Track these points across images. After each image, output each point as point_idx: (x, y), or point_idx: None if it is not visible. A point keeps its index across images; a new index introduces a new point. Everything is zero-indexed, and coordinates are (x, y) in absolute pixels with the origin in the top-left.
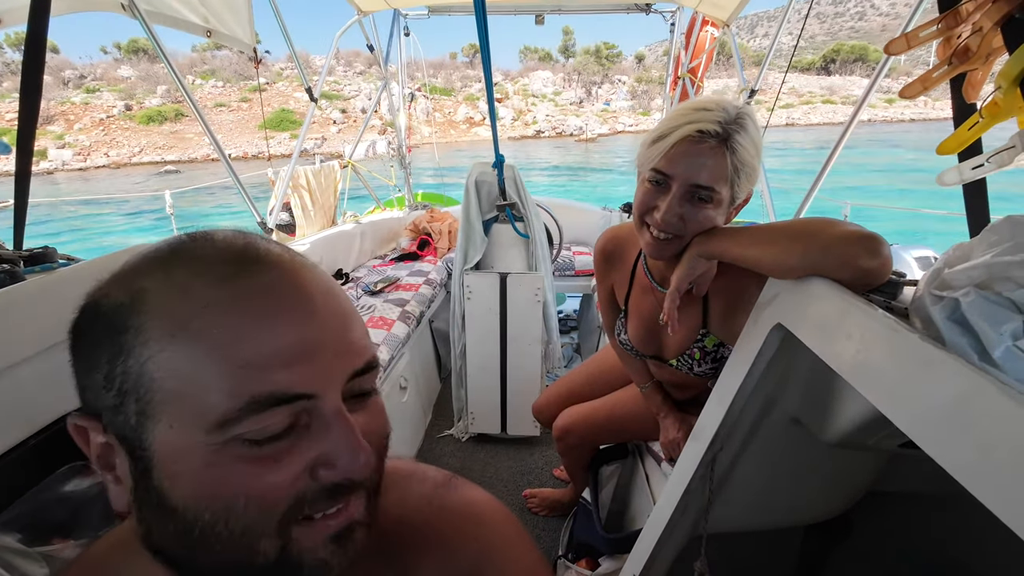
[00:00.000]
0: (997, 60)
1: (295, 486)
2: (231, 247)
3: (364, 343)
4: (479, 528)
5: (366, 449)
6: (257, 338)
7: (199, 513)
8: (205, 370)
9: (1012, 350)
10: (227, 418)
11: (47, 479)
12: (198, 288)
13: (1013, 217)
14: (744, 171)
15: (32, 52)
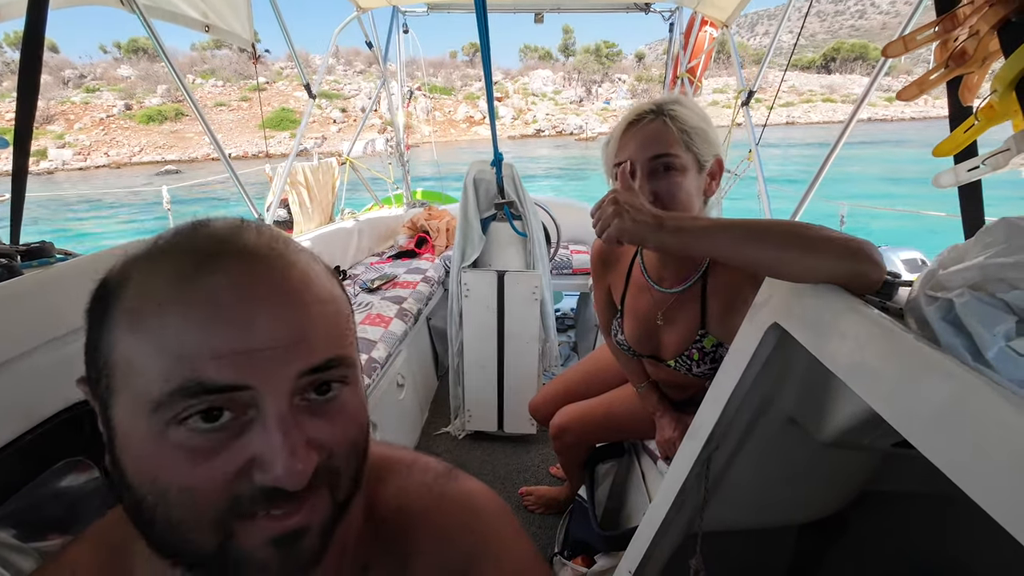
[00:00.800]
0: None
1: (231, 485)
2: (209, 240)
3: (326, 341)
4: (476, 519)
5: (303, 458)
6: (194, 331)
7: (143, 493)
8: (149, 359)
9: (1005, 351)
10: (160, 402)
11: (43, 474)
12: (158, 285)
13: (1008, 219)
14: (695, 133)
15: (30, 49)
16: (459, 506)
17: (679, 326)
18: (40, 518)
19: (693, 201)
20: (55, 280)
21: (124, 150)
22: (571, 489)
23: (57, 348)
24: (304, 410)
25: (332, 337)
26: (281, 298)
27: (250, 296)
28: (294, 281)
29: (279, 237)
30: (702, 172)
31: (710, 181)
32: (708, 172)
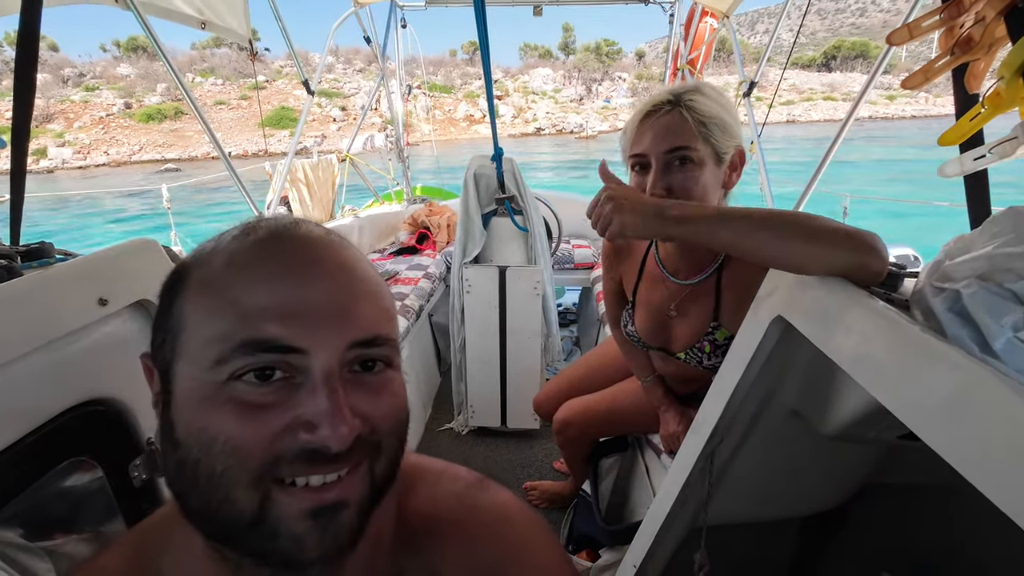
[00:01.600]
0: (1000, 50)
1: (274, 442)
2: (274, 226)
3: (374, 319)
4: (507, 528)
5: (348, 421)
6: (259, 294)
7: (190, 448)
8: (215, 318)
9: (1013, 341)
10: (221, 357)
11: (48, 474)
12: (231, 256)
13: (1015, 208)
14: (713, 123)
15: (25, 47)
16: (490, 516)
17: (691, 318)
18: (45, 518)
19: (709, 195)
20: (56, 280)
21: (124, 149)
22: (575, 484)
23: (59, 348)
24: (351, 382)
25: (380, 317)
26: (336, 273)
27: (310, 268)
28: (348, 262)
29: (335, 232)
30: (721, 165)
31: (730, 173)
32: (728, 164)
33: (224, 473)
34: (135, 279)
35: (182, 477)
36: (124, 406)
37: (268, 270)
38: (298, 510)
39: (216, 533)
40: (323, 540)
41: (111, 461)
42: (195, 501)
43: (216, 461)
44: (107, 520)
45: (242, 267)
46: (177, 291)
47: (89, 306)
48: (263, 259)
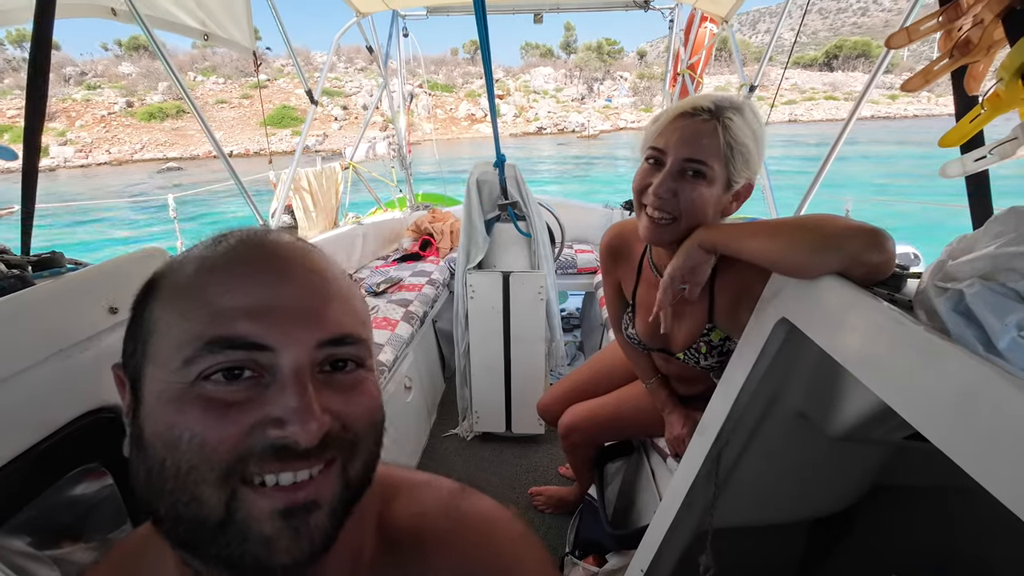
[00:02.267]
0: (998, 52)
1: (242, 439)
2: (245, 234)
3: (343, 319)
4: (493, 539)
5: (317, 416)
6: (229, 295)
7: (156, 448)
8: (185, 319)
9: (1018, 340)
10: (191, 356)
11: (57, 483)
12: (202, 261)
13: (1017, 208)
14: (739, 151)
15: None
16: (476, 527)
17: (688, 320)
18: (54, 526)
19: (708, 214)
20: (66, 290)
21: (126, 147)
22: (580, 489)
23: (70, 357)
24: (322, 381)
25: (351, 318)
26: (306, 276)
27: (280, 271)
28: (318, 266)
29: (302, 239)
30: (728, 191)
31: (732, 202)
32: (734, 192)
33: (190, 471)
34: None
35: (150, 482)
36: None
37: (238, 273)
38: (268, 510)
39: (184, 539)
40: (295, 543)
41: (122, 468)
42: (164, 505)
43: (182, 459)
44: (116, 527)
45: (213, 271)
46: (149, 299)
47: (99, 314)
48: (234, 263)
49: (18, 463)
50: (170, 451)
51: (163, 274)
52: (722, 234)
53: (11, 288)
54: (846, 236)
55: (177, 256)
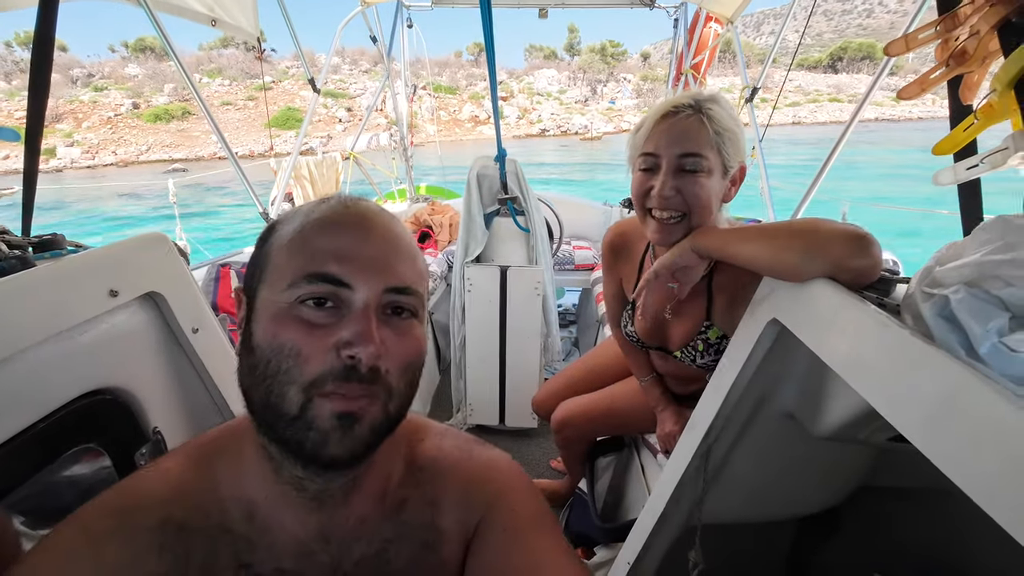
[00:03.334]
0: (993, 63)
1: (327, 354)
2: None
3: (407, 274)
4: (497, 473)
5: (375, 342)
6: (325, 240)
7: (263, 350)
8: (292, 255)
9: (998, 346)
10: (292, 282)
11: (54, 463)
12: (309, 214)
13: (1004, 217)
14: (727, 136)
15: (40, 46)
16: (483, 463)
17: (686, 318)
18: (51, 505)
19: (713, 204)
20: (67, 272)
21: (132, 148)
22: (571, 482)
23: (70, 338)
24: (383, 321)
25: (414, 275)
26: (385, 236)
27: (364, 228)
28: (394, 231)
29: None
30: (726, 177)
31: (731, 187)
32: (731, 178)
33: (286, 372)
34: (145, 272)
35: (253, 375)
36: (132, 395)
37: (333, 225)
38: (329, 411)
39: (267, 421)
40: (343, 441)
41: (118, 449)
42: (258, 394)
43: (282, 361)
44: None
45: (315, 222)
46: (267, 239)
47: (100, 297)
48: (331, 218)
49: (15, 442)
50: (274, 354)
51: (279, 221)
52: (715, 239)
53: (12, 269)
54: (831, 242)
55: (290, 210)
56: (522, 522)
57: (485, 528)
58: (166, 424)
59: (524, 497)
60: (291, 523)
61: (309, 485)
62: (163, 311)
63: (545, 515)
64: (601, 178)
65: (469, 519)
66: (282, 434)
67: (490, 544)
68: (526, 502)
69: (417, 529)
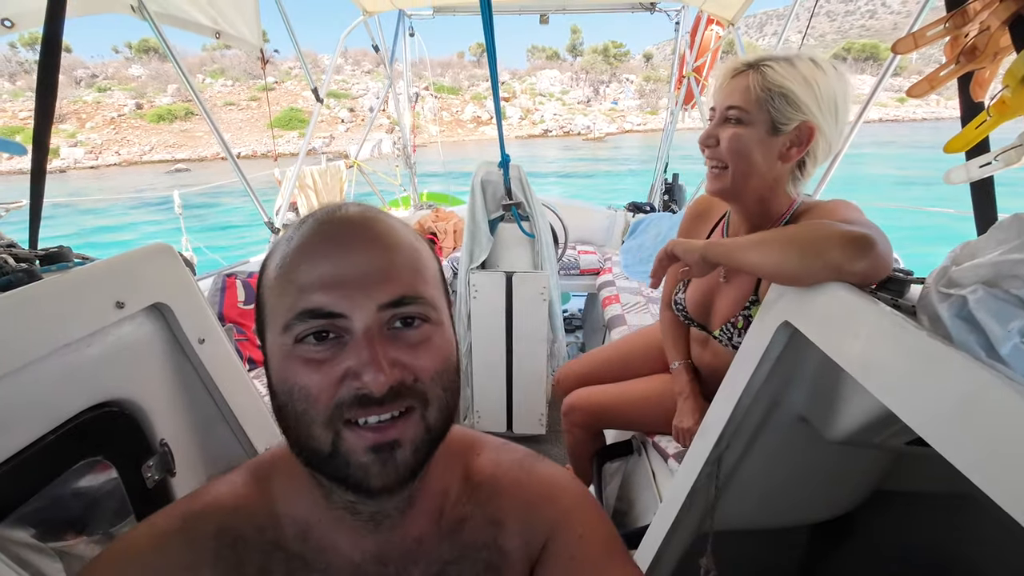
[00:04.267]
0: (1005, 59)
1: (336, 389)
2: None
3: (405, 279)
4: (562, 493)
5: (384, 369)
6: (307, 271)
7: (281, 395)
8: (281, 295)
9: (1020, 347)
10: (288, 324)
11: (62, 475)
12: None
13: (1020, 215)
14: (779, 92)
15: (48, 54)
16: (546, 481)
17: (734, 288)
18: (59, 518)
19: (754, 157)
20: (74, 284)
21: (135, 149)
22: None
23: (76, 350)
24: (390, 337)
25: (411, 278)
26: (369, 246)
27: (345, 245)
28: (378, 232)
29: (371, 207)
30: (777, 135)
31: (789, 147)
32: (788, 136)
33: (304, 413)
34: (151, 283)
35: (281, 419)
36: (139, 408)
37: (312, 251)
38: (361, 446)
39: (308, 462)
40: (384, 471)
41: (126, 462)
42: (291, 436)
43: (297, 405)
44: (120, 521)
45: (295, 252)
46: (261, 279)
47: (106, 309)
48: (309, 243)
49: (24, 455)
50: (288, 398)
51: (268, 257)
52: (723, 249)
53: (19, 282)
54: (829, 246)
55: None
56: (592, 551)
57: (552, 555)
58: (173, 436)
59: (592, 521)
60: (346, 545)
61: (362, 508)
62: (169, 322)
63: (615, 540)
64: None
65: (533, 541)
66: (323, 471)
67: (561, 571)
68: (595, 527)
69: (479, 549)
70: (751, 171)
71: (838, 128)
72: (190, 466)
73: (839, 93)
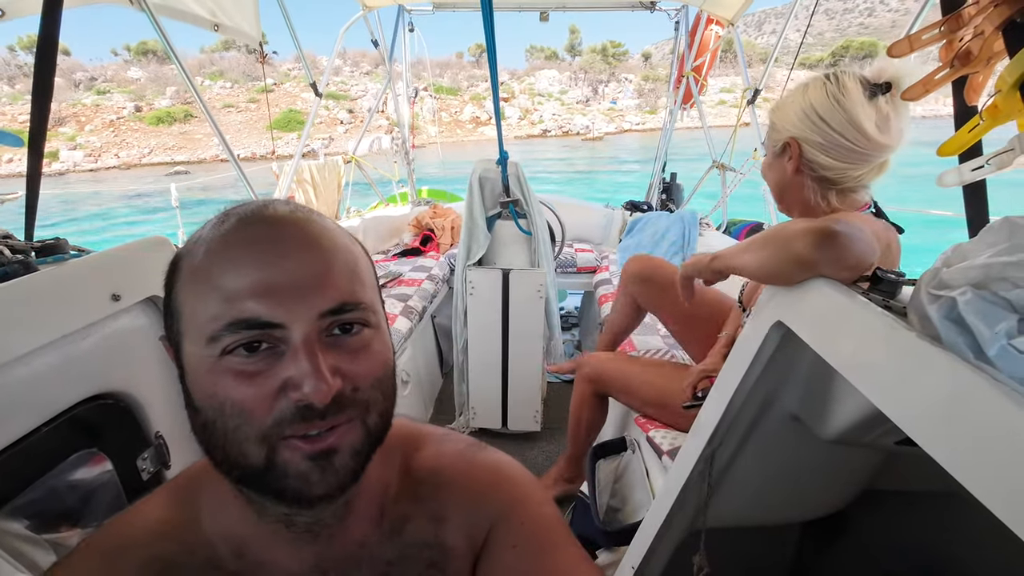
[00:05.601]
0: (998, 63)
1: (273, 403)
2: (245, 211)
3: (344, 286)
4: (506, 482)
5: (327, 379)
6: (235, 276)
7: (207, 411)
8: (202, 301)
9: (1006, 348)
10: (214, 335)
11: (58, 467)
12: (209, 243)
13: (1011, 219)
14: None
15: (44, 51)
16: (490, 471)
17: None
18: (54, 509)
19: (771, 178)
20: (70, 276)
21: (134, 151)
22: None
23: (72, 342)
24: (329, 344)
25: (349, 283)
26: (304, 249)
27: (279, 247)
28: (313, 235)
29: (301, 206)
30: (781, 157)
31: (787, 161)
32: (785, 154)
33: (237, 430)
34: (147, 275)
35: (205, 436)
36: (134, 400)
37: (240, 254)
38: (299, 456)
39: (239, 479)
40: (324, 478)
41: (120, 454)
42: (218, 455)
43: (228, 421)
44: (114, 513)
45: (219, 253)
46: (173, 279)
47: (102, 301)
48: (236, 244)
49: (19, 446)
50: (217, 414)
51: (181, 256)
52: (722, 259)
53: (15, 273)
54: (793, 239)
55: (192, 236)
56: (535, 537)
57: (495, 543)
58: (168, 428)
59: (535, 507)
60: (285, 558)
61: (298, 520)
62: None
63: (558, 525)
64: None
65: (477, 533)
66: (256, 486)
67: (503, 562)
68: (538, 513)
69: (421, 548)
70: (775, 189)
71: (821, 131)
72: (185, 459)
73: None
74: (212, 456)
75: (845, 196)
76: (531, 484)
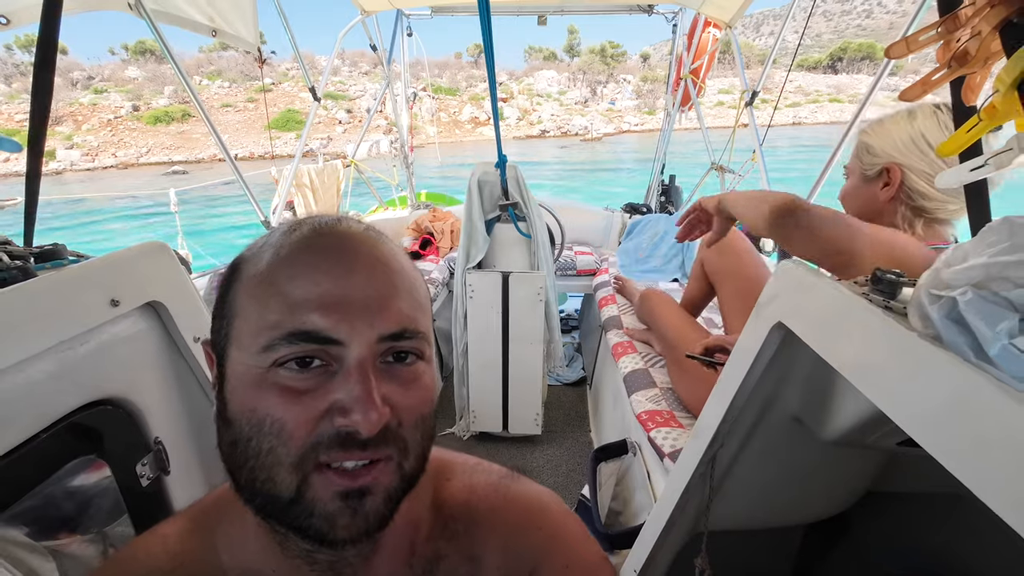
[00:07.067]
0: (996, 63)
1: (315, 426)
2: (318, 224)
3: (407, 311)
4: (544, 518)
5: (377, 408)
6: (301, 285)
7: (242, 426)
8: (263, 307)
9: (1008, 348)
10: (270, 343)
11: (56, 473)
12: (277, 249)
13: (1010, 218)
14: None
15: (43, 53)
16: (526, 506)
17: None
18: (52, 517)
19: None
20: (68, 282)
21: (131, 151)
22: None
23: (71, 348)
24: (383, 372)
25: (413, 310)
26: (373, 267)
27: (349, 262)
28: (384, 257)
29: (373, 227)
30: (869, 182)
31: (882, 187)
32: (880, 180)
33: (271, 452)
34: (146, 281)
35: (235, 454)
36: (133, 406)
37: (310, 264)
38: (331, 492)
39: (261, 507)
40: (353, 522)
41: (119, 460)
42: (244, 476)
43: (264, 440)
44: (113, 520)
45: (287, 261)
46: (231, 282)
47: (101, 307)
48: (306, 253)
49: (17, 453)
50: (255, 432)
51: (244, 259)
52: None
53: (13, 279)
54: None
55: (257, 241)
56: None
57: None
58: (168, 434)
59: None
60: None
61: (320, 558)
62: (164, 320)
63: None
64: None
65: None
66: (280, 519)
67: None
68: (581, 554)
69: None
70: (858, 213)
71: (929, 161)
72: (184, 465)
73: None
74: (235, 477)
75: (931, 228)
76: (570, 518)
